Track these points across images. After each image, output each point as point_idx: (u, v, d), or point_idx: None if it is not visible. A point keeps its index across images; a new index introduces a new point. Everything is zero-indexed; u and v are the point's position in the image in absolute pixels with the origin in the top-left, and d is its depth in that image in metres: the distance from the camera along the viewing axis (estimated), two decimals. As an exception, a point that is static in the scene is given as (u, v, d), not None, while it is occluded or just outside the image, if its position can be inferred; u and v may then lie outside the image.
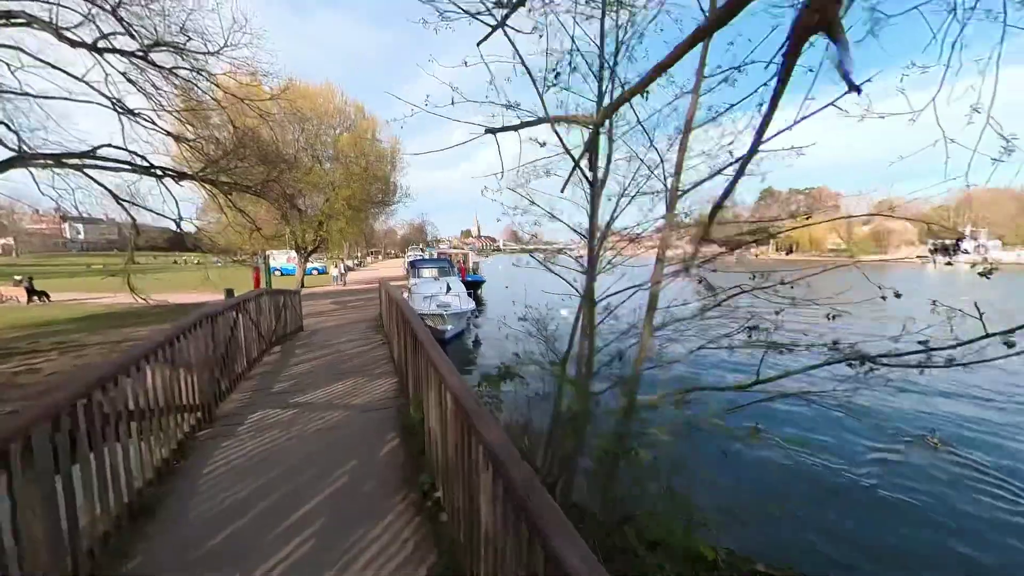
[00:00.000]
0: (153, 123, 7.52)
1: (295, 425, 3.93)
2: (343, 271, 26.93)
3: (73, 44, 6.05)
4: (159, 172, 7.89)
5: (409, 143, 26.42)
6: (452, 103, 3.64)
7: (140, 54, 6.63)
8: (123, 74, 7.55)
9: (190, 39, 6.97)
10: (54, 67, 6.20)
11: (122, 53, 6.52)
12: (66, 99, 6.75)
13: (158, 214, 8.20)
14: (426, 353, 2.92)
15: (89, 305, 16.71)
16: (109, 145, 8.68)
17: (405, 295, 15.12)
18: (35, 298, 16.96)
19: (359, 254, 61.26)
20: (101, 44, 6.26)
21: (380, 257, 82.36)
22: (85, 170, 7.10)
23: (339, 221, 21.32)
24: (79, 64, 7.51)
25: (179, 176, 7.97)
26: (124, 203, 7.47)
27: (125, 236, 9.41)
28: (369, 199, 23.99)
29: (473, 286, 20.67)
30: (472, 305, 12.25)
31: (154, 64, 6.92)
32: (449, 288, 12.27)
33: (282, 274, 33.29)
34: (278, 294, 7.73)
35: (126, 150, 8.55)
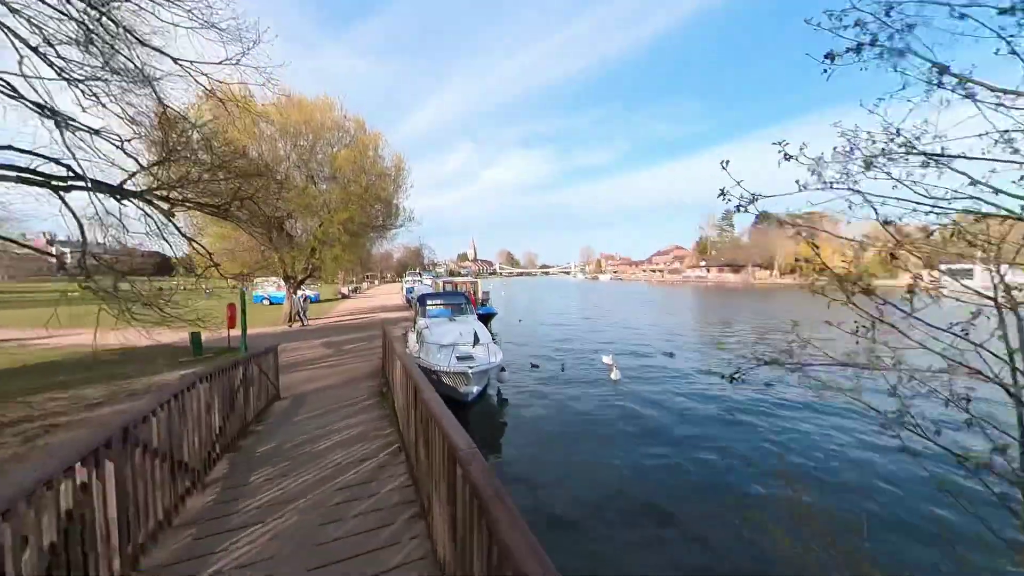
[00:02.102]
0: (11, 91, 4.89)
1: None
2: (303, 306, 19.62)
3: None
4: (63, 184, 5.28)
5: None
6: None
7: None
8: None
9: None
10: None
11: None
12: None
13: (22, 244, 5.53)
14: None
15: (27, 350, 13.76)
16: (10, 147, 6.17)
17: (412, 340, 12.11)
18: (-38, 341, 14.09)
19: (354, 279, 58.27)
20: None
21: (377, 282, 79.23)
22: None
23: (334, 248, 18.68)
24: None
25: (75, 185, 5.32)
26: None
27: (116, 260, 6.91)
28: (368, 223, 21.43)
29: (484, 319, 17.86)
30: (501, 356, 9.47)
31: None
32: (477, 338, 9.48)
33: (271, 303, 30.41)
34: (235, 368, 5.00)
35: (35, 155, 6.01)
